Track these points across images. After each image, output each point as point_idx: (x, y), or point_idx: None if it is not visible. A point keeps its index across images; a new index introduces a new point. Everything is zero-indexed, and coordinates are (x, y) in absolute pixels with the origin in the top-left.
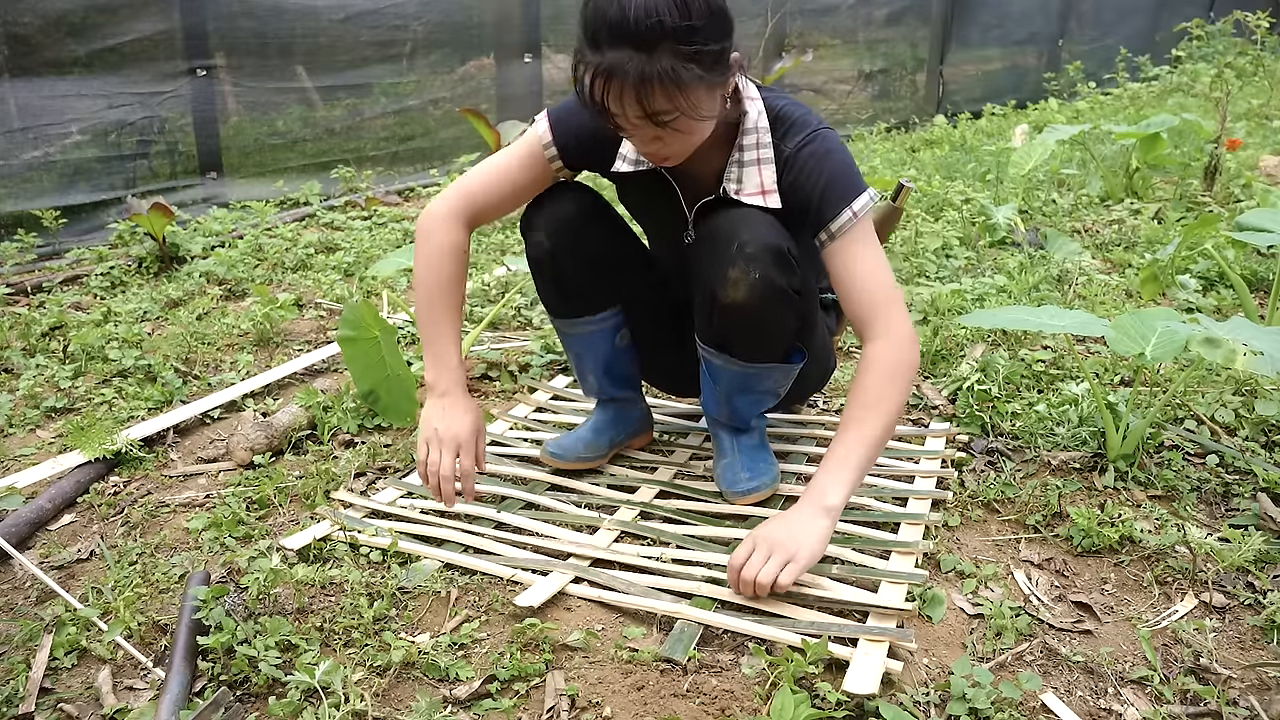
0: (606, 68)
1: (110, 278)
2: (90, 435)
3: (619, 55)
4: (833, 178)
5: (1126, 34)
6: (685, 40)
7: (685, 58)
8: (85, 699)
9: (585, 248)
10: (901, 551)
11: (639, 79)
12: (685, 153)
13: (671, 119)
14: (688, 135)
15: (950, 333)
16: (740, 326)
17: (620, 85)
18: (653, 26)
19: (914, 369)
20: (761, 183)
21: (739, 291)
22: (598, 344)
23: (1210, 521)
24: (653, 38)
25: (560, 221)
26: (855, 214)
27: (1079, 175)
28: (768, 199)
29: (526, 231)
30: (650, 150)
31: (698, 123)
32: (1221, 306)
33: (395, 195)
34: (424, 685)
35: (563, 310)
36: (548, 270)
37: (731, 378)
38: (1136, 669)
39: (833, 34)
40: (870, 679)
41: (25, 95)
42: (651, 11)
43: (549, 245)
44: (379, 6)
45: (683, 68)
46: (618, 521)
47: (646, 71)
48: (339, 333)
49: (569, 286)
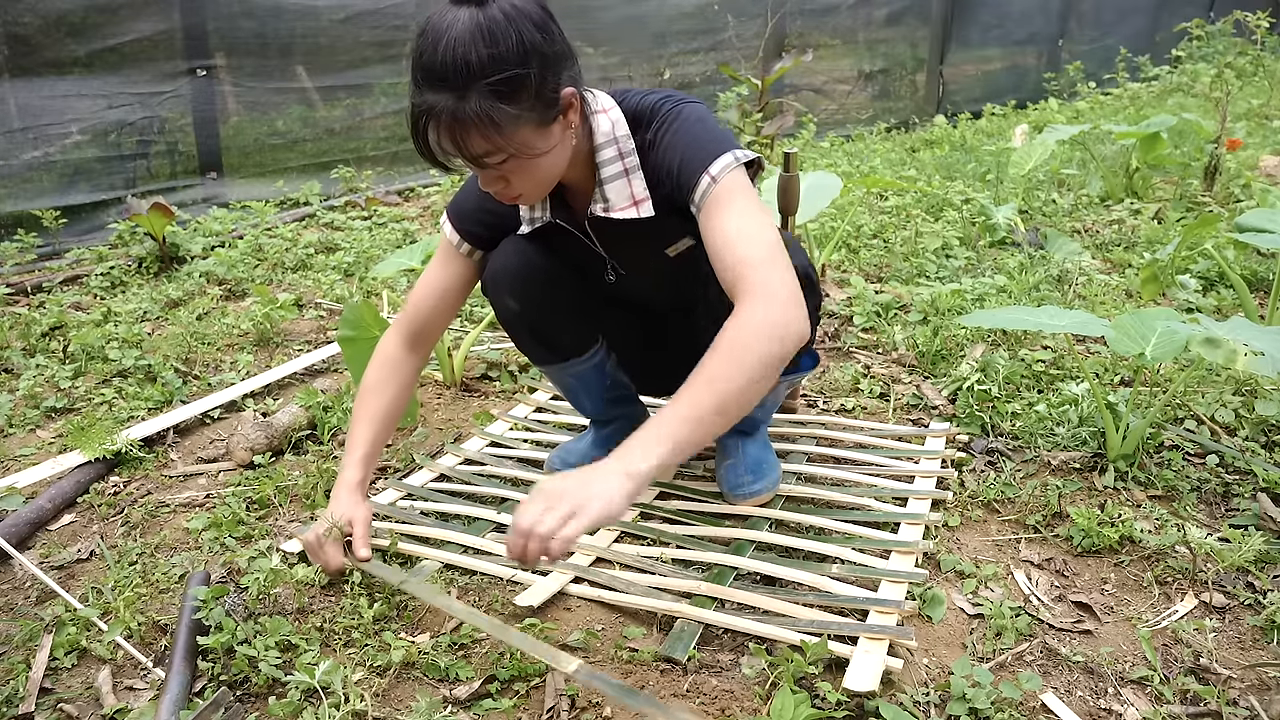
0: (424, 109)
1: (110, 278)
2: (90, 435)
3: (435, 97)
4: (685, 151)
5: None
6: (496, 80)
7: (500, 98)
8: (85, 699)
9: (553, 298)
10: (901, 551)
11: (451, 121)
12: (538, 190)
13: (497, 160)
14: (530, 174)
15: (950, 333)
16: None
17: (437, 126)
18: (459, 68)
19: (788, 330)
20: (632, 194)
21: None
22: (590, 379)
23: (1210, 521)
24: (461, 80)
25: (521, 280)
26: (714, 178)
27: (1079, 175)
28: (640, 209)
29: (489, 296)
30: (497, 190)
31: (534, 160)
32: (1221, 306)
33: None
34: (424, 685)
35: (548, 359)
36: (522, 330)
37: None
38: (1136, 669)
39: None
40: (870, 677)
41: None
42: (460, 53)
43: (517, 308)
44: (379, 6)
45: (495, 109)
46: (618, 522)
47: (459, 113)
48: (339, 333)
49: (548, 338)
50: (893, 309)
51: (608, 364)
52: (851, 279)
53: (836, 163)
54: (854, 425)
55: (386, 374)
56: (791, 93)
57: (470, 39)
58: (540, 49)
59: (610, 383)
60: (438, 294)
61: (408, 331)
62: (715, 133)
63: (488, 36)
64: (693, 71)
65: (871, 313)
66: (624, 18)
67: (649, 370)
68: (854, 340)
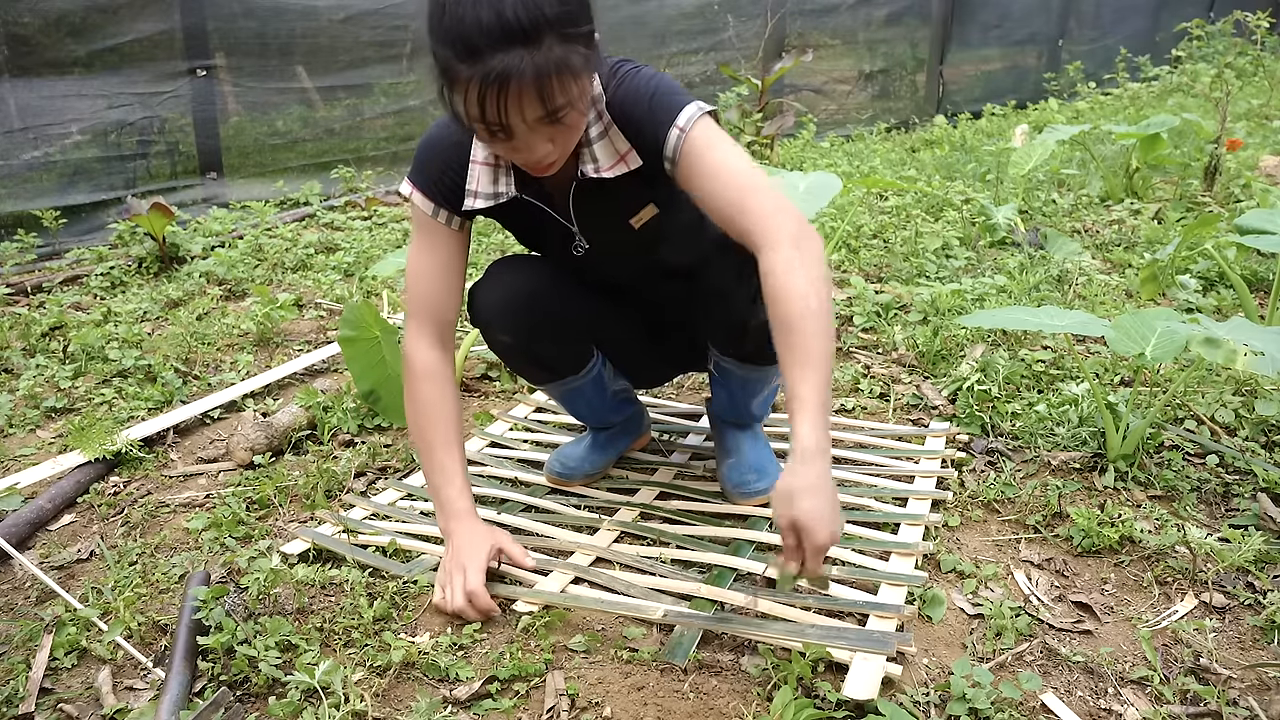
0: (497, 75)
1: (110, 278)
2: (90, 435)
3: (508, 57)
4: (653, 106)
5: (1126, 34)
6: (567, 25)
7: (570, 40)
8: (85, 699)
9: (543, 324)
10: (901, 553)
11: (536, 75)
12: (569, 151)
13: (566, 114)
14: (575, 129)
15: (950, 333)
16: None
17: (519, 87)
18: (534, 18)
19: (822, 256)
20: (616, 149)
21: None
22: (589, 392)
23: (1210, 521)
24: (535, 30)
25: (510, 313)
26: (683, 129)
27: (1079, 175)
28: (628, 160)
29: (480, 330)
30: (539, 157)
31: (583, 114)
32: (1221, 306)
33: (395, 195)
34: (424, 685)
35: (545, 379)
36: (518, 359)
37: (753, 383)
38: (1136, 669)
39: (833, 34)
40: (870, 684)
41: (25, 95)
42: (530, 3)
43: (510, 340)
44: (379, 6)
45: (572, 53)
46: (618, 522)
47: (542, 66)
48: (339, 333)
49: (544, 361)
50: (893, 309)
51: (605, 375)
52: (851, 279)
53: (836, 163)
54: (854, 425)
55: (438, 389)
56: (791, 93)
57: None
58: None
59: (610, 393)
60: (437, 278)
61: (432, 334)
62: (671, 87)
63: None
64: (693, 71)
65: (871, 313)
66: (624, 18)
67: (643, 363)
68: (854, 340)
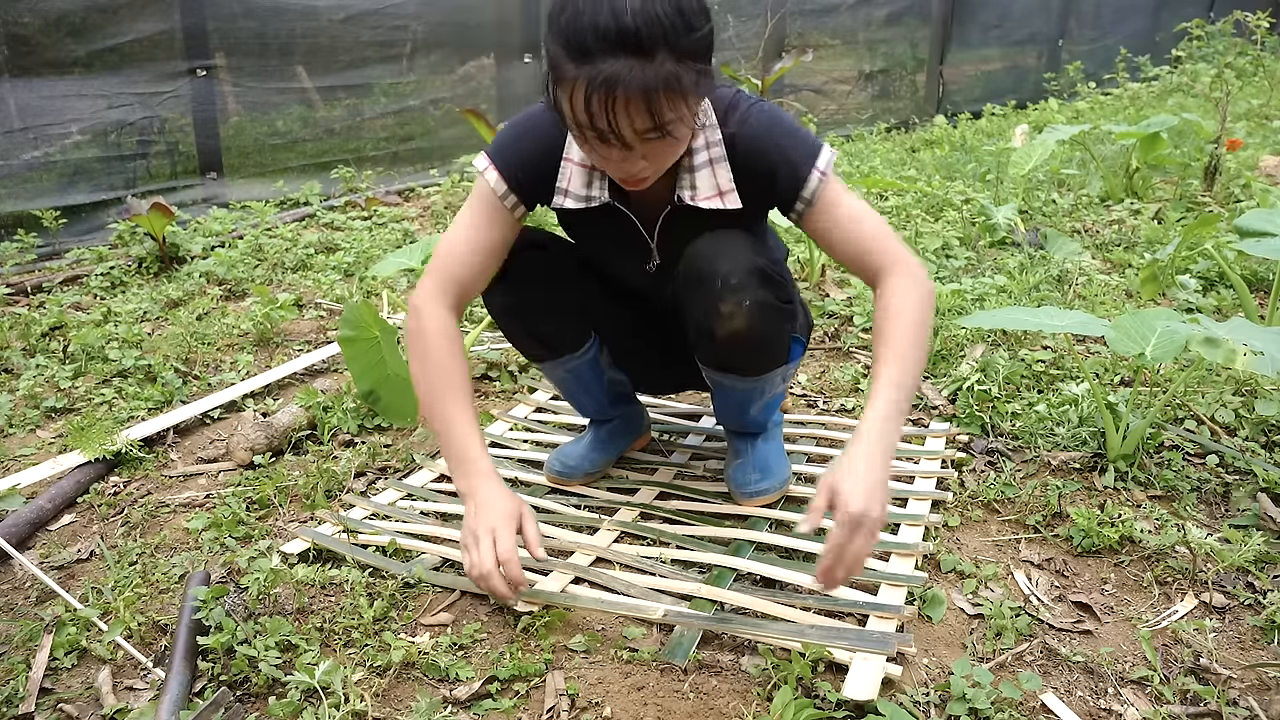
0: (605, 80)
1: (110, 278)
2: (90, 435)
3: (617, 64)
4: (788, 146)
5: (1126, 34)
6: (683, 42)
7: (684, 58)
8: (85, 699)
9: (551, 301)
10: (901, 554)
11: (643, 88)
12: (663, 169)
13: (674, 130)
14: (676, 150)
15: (950, 333)
16: (743, 352)
17: (626, 97)
18: (652, 31)
19: (932, 299)
20: (718, 184)
21: (736, 322)
22: (586, 375)
23: (1210, 521)
24: (651, 42)
25: (519, 289)
26: (824, 173)
27: (1079, 175)
28: (726, 200)
29: (487, 300)
30: (635, 170)
31: (688, 132)
32: (1221, 306)
33: (395, 195)
34: (424, 685)
35: (543, 355)
36: (515, 326)
37: (742, 393)
38: (1136, 669)
39: (833, 34)
40: (869, 685)
41: (25, 95)
42: (650, 15)
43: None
44: (379, 6)
45: (684, 71)
46: (618, 522)
47: (651, 79)
48: (339, 333)
49: (541, 334)
50: None
51: (601, 359)
52: (851, 279)
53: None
54: (854, 425)
55: (451, 351)
56: (791, 93)
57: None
58: (708, 12)
59: (608, 380)
60: (479, 254)
61: (454, 298)
62: (803, 128)
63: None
64: None
65: (871, 313)
66: None
67: (644, 371)
68: (854, 340)
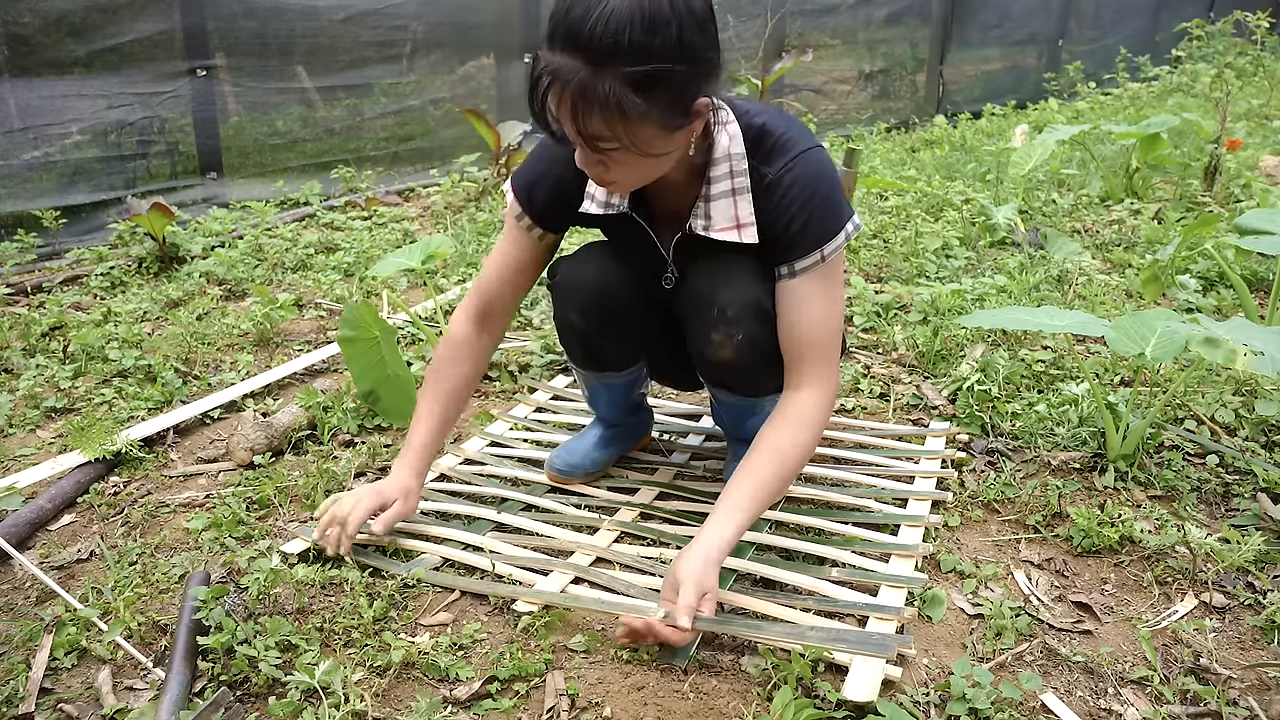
0: (552, 70)
1: (110, 278)
2: (90, 435)
3: (567, 62)
4: (814, 214)
5: (1126, 34)
6: (639, 70)
7: (636, 89)
8: (85, 699)
9: (616, 322)
10: (901, 555)
11: (578, 93)
12: (632, 185)
13: (610, 148)
14: (634, 169)
15: (950, 333)
16: (734, 377)
17: (560, 93)
18: (606, 44)
19: (823, 426)
20: (736, 216)
21: (725, 352)
22: (619, 390)
23: (1210, 521)
24: (604, 55)
25: (594, 300)
26: (824, 258)
27: (1079, 175)
28: (743, 234)
29: (556, 303)
30: (593, 173)
31: (645, 158)
32: (1221, 306)
33: (395, 195)
34: (424, 685)
35: (591, 367)
36: (575, 342)
37: (738, 408)
38: (1136, 669)
39: (833, 34)
40: (869, 686)
41: (25, 95)
42: (613, 29)
43: (581, 325)
44: (379, 6)
45: (627, 98)
46: (618, 522)
47: (588, 89)
48: (339, 333)
49: (599, 353)
50: (893, 309)
51: (641, 378)
52: (851, 279)
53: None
54: (854, 425)
55: (452, 352)
56: (791, 93)
57: (629, 17)
58: (694, 52)
59: (634, 395)
60: (504, 271)
61: (475, 310)
62: (840, 198)
63: (648, 22)
64: None
65: (871, 313)
66: None
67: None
68: (854, 340)
